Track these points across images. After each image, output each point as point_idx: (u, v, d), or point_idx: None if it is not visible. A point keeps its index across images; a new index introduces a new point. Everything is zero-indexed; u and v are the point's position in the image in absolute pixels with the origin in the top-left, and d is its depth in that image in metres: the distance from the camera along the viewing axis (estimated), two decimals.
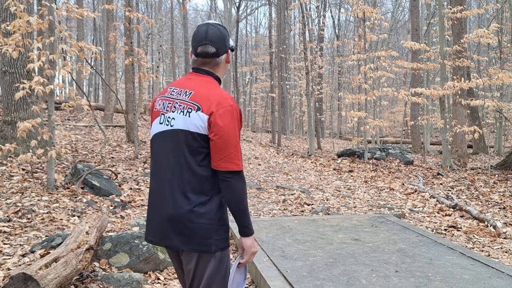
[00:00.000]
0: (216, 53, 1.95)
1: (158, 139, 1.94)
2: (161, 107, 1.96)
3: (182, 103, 1.89)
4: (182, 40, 35.45)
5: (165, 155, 1.90)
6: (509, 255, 4.15)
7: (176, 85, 1.98)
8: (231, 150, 1.83)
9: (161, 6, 21.42)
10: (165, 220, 1.85)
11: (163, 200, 1.87)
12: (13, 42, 5.19)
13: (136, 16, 9.19)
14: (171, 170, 1.87)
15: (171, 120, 1.89)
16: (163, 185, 1.89)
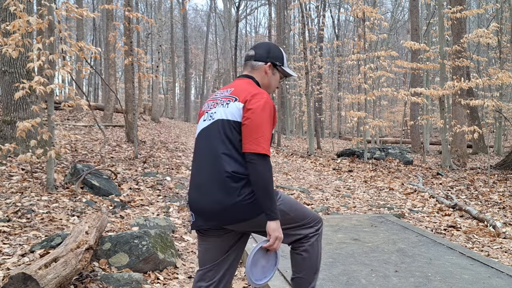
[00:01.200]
0: (253, 55, 2.23)
1: (202, 134, 2.13)
2: (206, 107, 2.20)
3: (223, 98, 2.12)
4: (182, 40, 35.46)
5: (207, 147, 2.07)
6: (509, 255, 4.16)
7: (221, 89, 2.22)
8: (259, 134, 1.97)
9: (161, 6, 21.41)
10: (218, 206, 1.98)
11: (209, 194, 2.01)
12: (12, 42, 5.19)
13: (136, 16, 9.19)
14: (213, 160, 2.02)
15: (213, 114, 2.11)
16: (208, 175, 2.03)
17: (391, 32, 25.13)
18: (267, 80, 2.26)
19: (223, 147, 2.01)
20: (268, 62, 2.24)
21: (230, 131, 2.02)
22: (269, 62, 2.24)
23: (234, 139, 2.01)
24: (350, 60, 12.91)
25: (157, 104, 20.54)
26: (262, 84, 2.25)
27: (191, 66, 38.03)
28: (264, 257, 2.07)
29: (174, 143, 12.90)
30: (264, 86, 2.27)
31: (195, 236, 4.49)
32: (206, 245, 2.13)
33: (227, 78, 27.25)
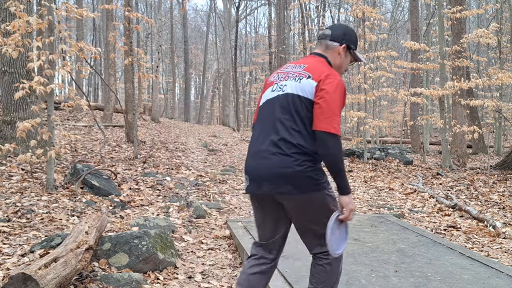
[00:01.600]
0: (329, 35, 2.26)
1: (269, 103, 2.20)
2: (275, 78, 2.25)
3: (295, 73, 2.17)
4: (182, 40, 35.46)
5: (273, 116, 2.14)
6: (509, 255, 4.16)
7: (292, 62, 2.28)
8: (332, 114, 2.03)
9: (161, 6, 21.41)
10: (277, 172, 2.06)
11: (273, 155, 2.08)
12: (12, 42, 5.19)
13: (136, 16, 9.19)
14: (278, 129, 2.10)
15: (283, 86, 2.16)
16: (271, 142, 2.10)
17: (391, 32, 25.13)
18: (339, 61, 2.29)
19: (290, 120, 2.09)
20: (343, 44, 2.27)
21: (300, 106, 2.09)
22: (344, 44, 2.27)
23: (303, 114, 2.09)
24: None
25: (157, 104, 20.54)
26: (333, 64, 2.28)
27: (191, 66, 38.03)
28: (338, 228, 2.16)
29: (174, 143, 12.90)
30: (335, 66, 2.29)
31: (195, 236, 4.49)
32: (262, 213, 2.24)
33: (227, 78, 27.24)
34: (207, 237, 4.51)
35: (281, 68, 2.31)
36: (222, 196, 6.46)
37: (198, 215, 5.19)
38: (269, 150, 2.09)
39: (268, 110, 2.19)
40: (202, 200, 6.09)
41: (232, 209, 5.82)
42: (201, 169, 8.75)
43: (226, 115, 27.74)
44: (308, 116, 2.08)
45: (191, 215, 5.20)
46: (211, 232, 4.69)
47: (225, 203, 6.12)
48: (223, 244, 4.33)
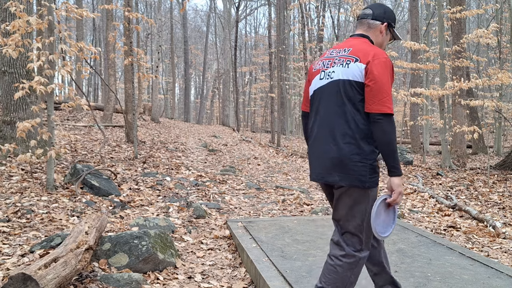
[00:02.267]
0: (370, 14, 2.28)
1: (319, 92, 2.23)
2: (321, 66, 2.26)
3: (341, 57, 2.18)
4: (182, 40, 35.45)
5: (326, 105, 2.18)
6: (508, 255, 4.16)
7: (335, 47, 2.28)
8: (384, 94, 2.06)
9: (161, 6, 21.41)
10: (328, 161, 2.14)
11: (326, 144, 2.16)
12: (12, 42, 5.19)
13: (136, 16, 9.19)
14: (332, 118, 2.15)
15: (331, 73, 2.18)
16: (325, 131, 2.16)
17: None
18: (380, 40, 2.32)
19: (343, 105, 2.12)
20: (385, 22, 2.30)
21: (351, 91, 2.11)
22: (385, 22, 2.31)
23: (355, 98, 2.11)
24: None
25: (157, 104, 20.54)
26: (375, 43, 2.32)
27: (190, 66, 38.03)
28: (385, 211, 2.17)
29: (173, 143, 12.90)
30: (377, 45, 2.32)
31: (195, 237, 4.49)
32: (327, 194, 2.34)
33: (227, 78, 27.24)
34: (207, 237, 4.51)
35: (324, 54, 2.33)
36: (222, 196, 6.46)
37: (198, 215, 5.19)
38: (327, 139, 2.16)
39: (320, 99, 2.22)
40: (202, 200, 6.09)
41: (232, 209, 5.82)
42: (201, 169, 8.75)
43: (226, 115, 27.74)
44: (360, 99, 2.11)
45: (191, 215, 5.20)
46: (211, 232, 4.69)
47: (225, 203, 6.12)
48: (223, 244, 4.33)
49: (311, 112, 2.31)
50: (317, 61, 2.34)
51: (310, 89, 2.31)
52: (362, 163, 2.10)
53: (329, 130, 2.16)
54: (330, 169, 2.15)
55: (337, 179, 2.13)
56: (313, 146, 2.25)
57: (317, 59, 2.37)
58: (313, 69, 2.33)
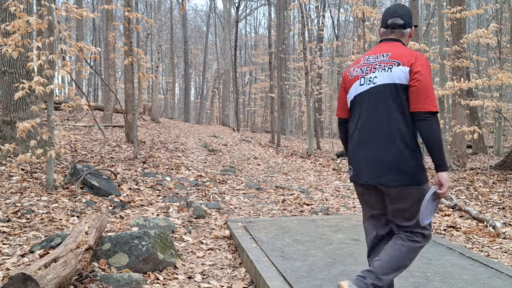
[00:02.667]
0: (403, 24, 2.37)
1: (361, 97, 2.31)
2: (359, 72, 2.35)
3: (381, 63, 2.27)
4: (182, 40, 35.45)
5: (370, 109, 2.27)
6: (508, 255, 4.16)
7: (370, 53, 2.37)
8: (429, 93, 2.15)
9: (161, 6, 21.41)
10: (381, 163, 2.21)
11: (376, 147, 2.23)
12: (12, 42, 5.19)
13: (136, 16, 9.19)
14: (378, 121, 2.23)
15: (373, 78, 2.27)
16: (373, 135, 2.25)
17: None
18: (408, 41, 2.46)
19: (389, 109, 2.21)
20: (412, 26, 2.43)
21: (397, 94, 2.21)
22: (412, 26, 2.44)
23: (400, 101, 2.21)
24: (349, 61, 12.91)
25: (157, 104, 20.54)
26: (406, 44, 2.45)
27: (190, 66, 38.03)
28: (432, 203, 2.25)
29: (173, 143, 12.90)
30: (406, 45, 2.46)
31: (195, 237, 4.49)
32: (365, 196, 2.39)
33: (226, 78, 27.24)
34: (207, 237, 4.51)
35: (359, 61, 2.40)
36: (222, 196, 6.46)
37: (198, 215, 5.19)
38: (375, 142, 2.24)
39: (363, 103, 2.31)
40: (202, 200, 6.09)
41: (232, 209, 5.82)
42: (201, 169, 8.75)
43: (226, 115, 27.75)
44: (405, 100, 2.20)
45: (191, 215, 5.20)
46: (211, 232, 4.69)
47: (225, 203, 6.12)
48: (223, 244, 4.33)
49: (352, 117, 2.39)
50: (351, 68, 2.42)
51: (350, 95, 2.39)
52: (413, 162, 2.19)
53: (377, 134, 2.24)
54: (384, 171, 2.22)
55: (394, 180, 2.20)
56: (359, 149, 2.32)
57: (351, 66, 2.44)
58: (349, 76, 2.40)
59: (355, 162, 2.34)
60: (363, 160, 2.29)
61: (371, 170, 2.26)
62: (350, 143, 2.39)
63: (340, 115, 2.51)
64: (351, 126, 2.39)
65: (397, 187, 2.21)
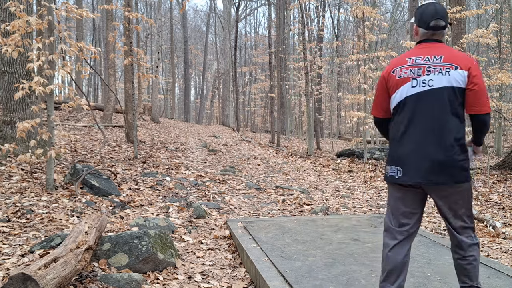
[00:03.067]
0: (444, 26, 2.43)
1: (414, 99, 2.35)
2: (409, 74, 2.37)
3: (436, 66, 2.32)
4: (182, 40, 35.45)
5: (425, 111, 2.32)
6: (508, 255, 4.16)
7: (415, 54, 2.39)
8: (486, 96, 2.29)
9: (160, 6, 21.41)
10: (437, 163, 2.28)
11: (431, 148, 2.30)
12: (12, 42, 5.19)
13: (135, 16, 9.19)
14: (433, 122, 2.30)
15: (428, 81, 2.32)
16: (427, 136, 2.31)
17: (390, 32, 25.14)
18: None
19: (445, 111, 2.29)
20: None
21: (454, 97, 2.29)
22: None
23: (455, 103, 2.30)
24: (349, 60, 12.91)
25: (157, 104, 20.54)
26: None
27: (190, 66, 38.03)
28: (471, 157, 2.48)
29: (173, 143, 12.90)
30: None
31: (195, 237, 4.49)
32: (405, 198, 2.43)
33: (226, 79, 27.24)
34: (207, 237, 4.51)
35: (403, 62, 2.40)
36: (222, 196, 6.46)
37: (198, 215, 5.19)
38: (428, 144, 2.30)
39: (416, 105, 2.34)
40: (202, 200, 6.09)
41: (232, 209, 5.82)
42: (201, 169, 8.75)
43: (226, 115, 27.75)
44: (460, 102, 2.30)
45: (191, 215, 5.20)
46: (211, 232, 4.69)
47: (225, 203, 6.12)
48: (223, 244, 4.33)
49: (400, 118, 2.40)
50: (396, 68, 2.41)
51: (398, 96, 2.40)
52: (464, 161, 2.31)
53: (432, 135, 2.30)
54: (439, 171, 2.29)
55: (449, 179, 2.29)
56: (412, 150, 2.35)
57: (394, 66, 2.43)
58: (395, 77, 2.40)
59: (405, 163, 2.36)
60: (418, 160, 2.32)
61: (426, 170, 2.30)
62: (399, 144, 2.40)
63: (377, 114, 2.54)
64: (399, 127, 2.41)
65: (453, 186, 2.31)
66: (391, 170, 2.42)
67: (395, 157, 2.41)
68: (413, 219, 2.45)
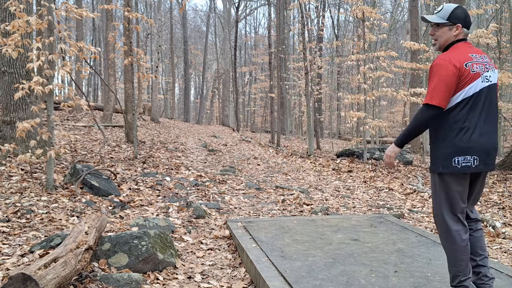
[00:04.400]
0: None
1: (483, 93, 2.58)
2: (479, 69, 2.58)
3: (488, 64, 2.62)
4: (181, 40, 35.44)
5: (489, 104, 2.59)
6: (508, 255, 4.16)
7: (473, 52, 2.63)
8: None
9: (160, 6, 21.41)
10: (495, 153, 2.61)
11: (494, 139, 2.60)
12: (12, 42, 5.19)
13: (135, 16, 9.19)
14: (493, 115, 2.61)
15: (489, 77, 2.60)
16: (492, 127, 2.59)
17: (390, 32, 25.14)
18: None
19: (497, 104, 2.64)
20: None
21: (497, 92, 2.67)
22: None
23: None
24: (349, 61, 12.90)
25: (157, 104, 20.54)
26: None
27: (190, 66, 38.03)
28: None
29: (173, 143, 12.90)
30: None
31: (195, 237, 4.49)
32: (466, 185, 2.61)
33: (226, 79, 27.24)
34: (206, 237, 4.51)
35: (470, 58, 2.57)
36: (222, 196, 6.46)
37: (198, 215, 5.19)
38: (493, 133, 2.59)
39: (485, 99, 2.58)
40: (202, 200, 6.09)
41: (232, 209, 5.82)
42: (201, 169, 8.75)
43: (226, 115, 27.75)
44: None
45: (191, 215, 5.20)
46: (211, 232, 4.69)
47: (224, 203, 6.12)
48: (223, 244, 4.33)
49: (473, 110, 2.56)
50: (468, 63, 2.56)
51: (471, 89, 2.55)
52: None
53: (494, 126, 2.60)
54: (494, 158, 2.62)
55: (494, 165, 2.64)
56: (483, 139, 2.56)
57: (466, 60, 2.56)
58: (469, 70, 2.54)
59: (481, 151, 2.54)
60: (490, 149, 2.57)
61: (493, 158, 2.60)
62: (473, 134, 2.55)
63: (445, 104, 2.55)
64: (472, 119, 2.55)
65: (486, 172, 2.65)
66: (465, 161, 2.54)
67: (469, 147, 2.54)
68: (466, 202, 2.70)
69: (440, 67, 2.53)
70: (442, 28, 2.66)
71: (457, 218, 2.61)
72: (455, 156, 2.53)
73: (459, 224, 2.60)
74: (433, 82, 2.54)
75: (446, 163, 2.55)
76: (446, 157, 2.55)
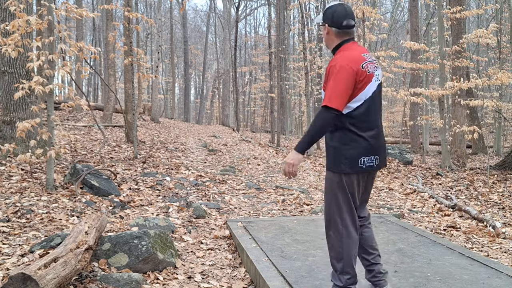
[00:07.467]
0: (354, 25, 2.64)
1: (377, 92, 2.59)
2: (372, 69, 2.57)
3: (375, 62, 2.62)
4: (181, 40, 35.43)
5: (379, 102, 2.63)
6: (508, 255, 4.16)
7: (363, 51, 2.58)
8: None
9: (160, 6, 21.41)
10: (384, 149, 2.64)
11: (382, 136, 2.63)
12: (12, 42, 5.19)
13: (136, 16, 9.18)
14: (380, 113, 2.62)
15: (378, 75, 2.60)
16: (379, 125, 2.61)
17: (390, 32, 25.14)
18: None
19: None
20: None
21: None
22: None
23: None
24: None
25: (157, 104, 20.53)
26: None
27: (190, 66, 38.02)
28: None
29: (173, 143, 12.90)
30: None
31: (195, 237, 4.49)
32: (367, 184, 2.68)
33: (226, 78, 27.22)
34: (206, 237, 4.51)
35: (361, 59, 2.51)
36: (222, 196, 6.46)
37: (198, 215, 5.19)
38: (382, 132, 2.64)
39: (377, 97, 2.60)
40: (202, 200, 6.09)
41: (232, 209, 5.82)
42: (201, 169, 8.75)
43: (226, 115, 27.74)
44: None
45: (191, 215, 5.20)
46: (211, 232, 4.69)
47: (224, 203, 6.12)
48: (223, 244, 4.33)
49: (371, 111, 2.55)
50: (364, 64, 2.51)
51: (369, 90, 2.53)
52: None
53: (381, 124, 2.63)
54: (384, 156, 2.66)
55: (384, 163, 2.67)
56: (379, 139, 2.61)
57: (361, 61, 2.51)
58: (366, 72, 2.51)
59: (379, 151, 2.59)
60: (382, 147, 2.62)
61: (384, 155, 2.65)
62: (373, 135, 2.56)
63: (342, 107, 2.44)
64: (370, 120, 2.55)
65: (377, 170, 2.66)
66: (369, 161, 2.55)
67: (371, 148, 2.54)
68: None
69: (338, 69, 2.43)
70: (323, 28, 2.64)
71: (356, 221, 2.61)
72: (362, 156, 2.51)
73: (356, 228, 2.62)
74: (332, 84, 2.42)
75: (352, 163, 2.50)
76: (352, 157, 2.50)
